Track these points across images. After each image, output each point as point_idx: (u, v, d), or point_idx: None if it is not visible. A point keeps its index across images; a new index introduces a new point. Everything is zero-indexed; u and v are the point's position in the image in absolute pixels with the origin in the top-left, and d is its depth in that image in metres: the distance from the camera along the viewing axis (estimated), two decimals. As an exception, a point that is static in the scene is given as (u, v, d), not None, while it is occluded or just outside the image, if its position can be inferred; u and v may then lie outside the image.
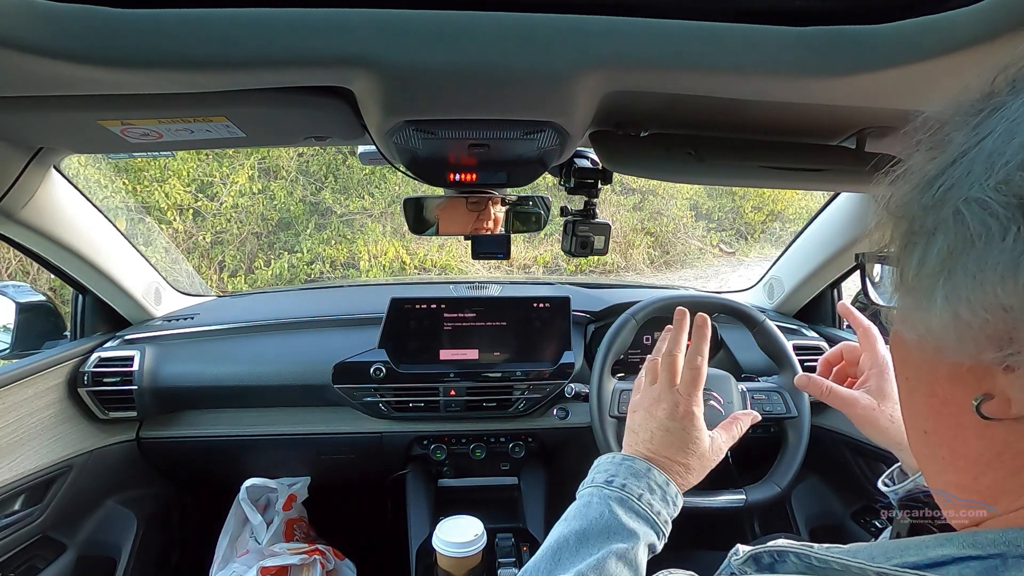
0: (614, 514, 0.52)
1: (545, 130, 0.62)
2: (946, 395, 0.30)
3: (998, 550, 0.25)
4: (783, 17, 0.46)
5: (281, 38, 0.43)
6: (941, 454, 0.32)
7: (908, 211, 0.30)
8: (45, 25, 0.40)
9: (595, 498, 0.55)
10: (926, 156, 0.30)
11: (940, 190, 0.27)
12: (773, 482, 0.99)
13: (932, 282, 0.27)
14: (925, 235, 0.28)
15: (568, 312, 1.23)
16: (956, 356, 0.28)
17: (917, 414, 0.34)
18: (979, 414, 0.27)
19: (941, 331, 0.27)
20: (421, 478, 1.29)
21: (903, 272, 0.30)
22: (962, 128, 0.28)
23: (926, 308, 0.28)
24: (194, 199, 4.55)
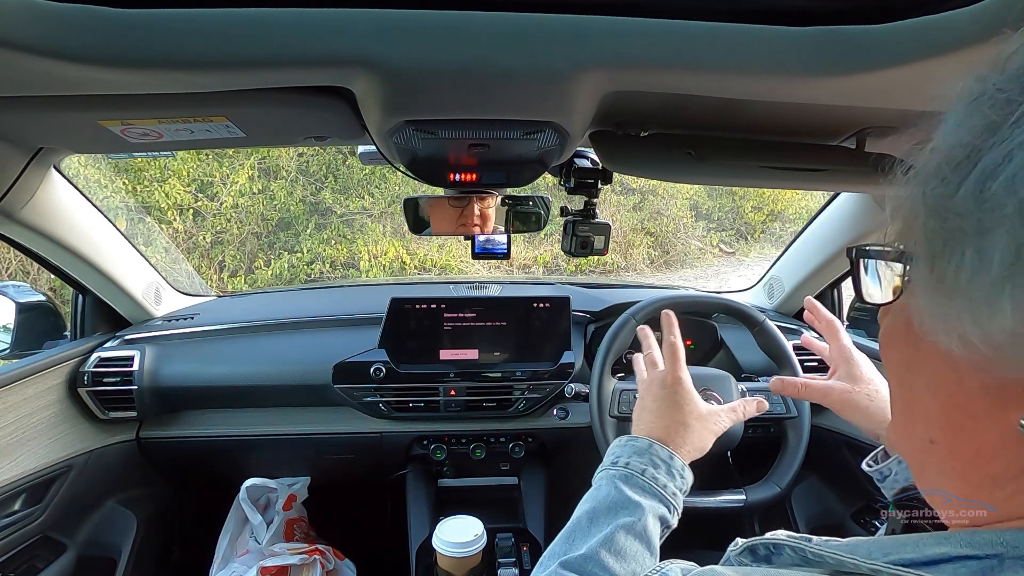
0: (620, 490, 0.54)
1: (545, 130, 0.62)
2: (976, 408, 0.28)
3: (995, 551, 0.25)
4: (783, 17, 0.46)
5: (281, 38, 0.43)
6: (952, 465, 0.30)
7: (946, 204, 0.26)
8: (45, 25, 0.40)
9: (603, 480, 0.57)
10: (957, 137, 0.26)
11: (994, 182, 0.24)
12: (773, 482, 0.99)
13: (995, 288, 0.23)
14: (976, 233, 0.24)
15: (568, 312, 1.23)
16: (1012, 371, 0.24)
17: (924, 422, 0.31)
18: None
19: (1004, 343, 0.24)
20: (421, 478, 1.29)
21: (941, 273, 0.26)
22: (1006, 105, 0.25)
23: (985, 316, 0.24)
24: (194, 199, 4.55)
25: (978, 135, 0.25)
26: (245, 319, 1.30)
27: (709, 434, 0.65)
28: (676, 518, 0.56)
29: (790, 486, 0.99)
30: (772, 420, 1.03)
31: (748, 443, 1.02)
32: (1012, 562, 0.25)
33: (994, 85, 0.25)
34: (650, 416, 0.64)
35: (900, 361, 0.33)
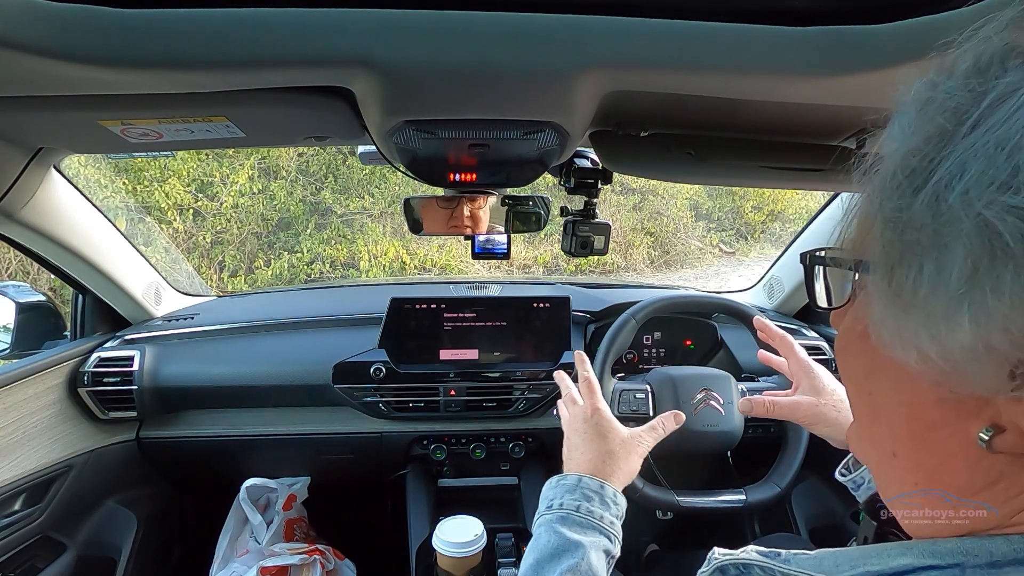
0: (559, 533, 0.54)
1: (545, 130, 0.62)
2: (934, 420, 0.27)
3: (956, 560, 0.25)
4: (783, 17, 0.46)
5: (281, 38, 0.43)
6: (914, 479, 0.30)
7: (903, 216, 0.25)
8: (45, 25, 0.40)
9: (542, 527, 0.57)
10: (909, 144, 0.26)
11: (950, 193, 0.23)
12: (773, 482, 0.99)
13: (953, 303, 0.23)
14: (933, 246, 0.24)
15: (568, 312, 1.23)
16: (970, 386, 0.24)
17: (884, 434, 0.31)
18: (987, 448, 0.25)
19: (962, 359, 0.24)
20: (421, 478, 1.29)
21: (898, 286, 0.25)
22: (957, 113, 0.24)
23: (943, 332, 0.24)
24: (194, 199, 4.55)
25: (931, 142, 0.25)
26: (245, 319, 1.30)
27: (636, 456, 0.65)
28: (618, 547, 0.56)
29: (790, 486, 0.99)
30: (772, 420, 1.03)
31: (748, 443, 1.02)
32: (973, 570, 0.24)
33: (944, 91, 0.25)
34: (577, 452, 0.65)
35: (859, 369, 0.32)
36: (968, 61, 0.25)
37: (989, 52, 0.25)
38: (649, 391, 1.02)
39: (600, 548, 0.54)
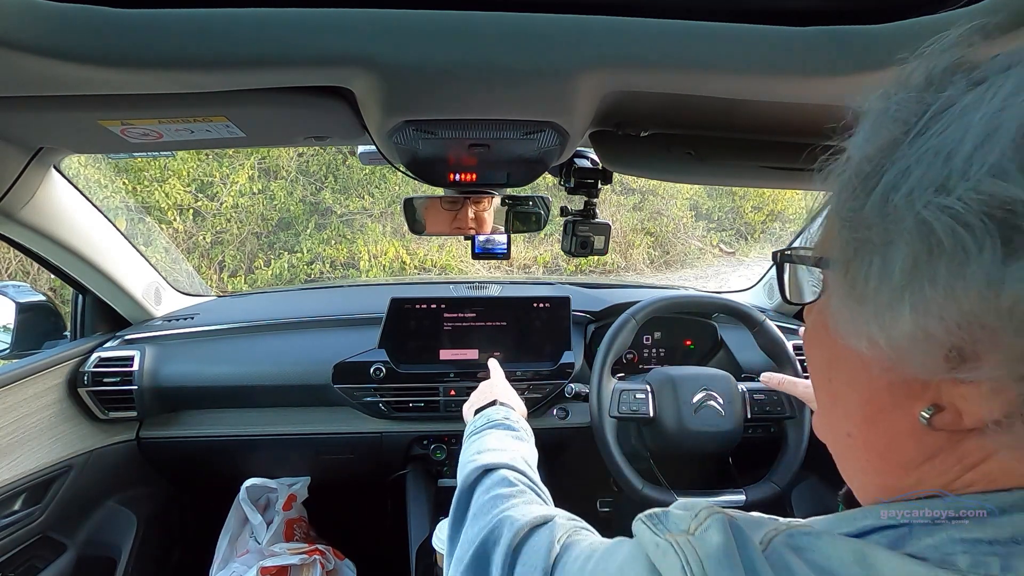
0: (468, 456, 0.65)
1: (545, 130, 0.62)
2: (884, 403, 0.30)
3: (905, 520, 0.29)
4: (783, 17, 0.46)
5: (281, 38, 0.43)
6: (865, 457, 0.33)
7: (857, 217, 0.28)
8: (45, 25, 0.40)
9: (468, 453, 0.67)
10: (864, 151, 0.29)
11: (895, 194, 0.26)
12: (773, 482, 0.99)
13: (896, 295, 0.26)
14: (882, 243, 0.26)
15: (568, 312, 1.23)
16: (913, 370, 0.27)
17: (841, 417, 0.34)
18: (928, 425, 0.28)
19: (905, 345, 0.26)
20: (421, 478, 1.29)
21: (853, 280, 0.28)
22: (905, 123, 0.27)
23: (888, 321, 0.26)
24: (194, 199, 4.55)
25: (882, 150, 0.27)
26: (245, 319, 1.30)
27: (499, 381, 0.86)
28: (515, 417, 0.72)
29: (790, 486, 0.99)
30: (772, 420, 1.03)
31: (748, 443, 1.02)
32: (918, 528, 0.28)
33: (895, 103, 0.28)
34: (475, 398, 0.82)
35: (821, 359, 0.35)
36: (920, 75, 0.28)
37: (940, 66, 0.28)
38: (649, 391, 1.02)
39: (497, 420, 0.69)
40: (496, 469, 0.57)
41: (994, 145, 0.23)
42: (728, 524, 0.31)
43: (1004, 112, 0.23)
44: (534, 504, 0.52)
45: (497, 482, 0.55)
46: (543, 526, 0.45)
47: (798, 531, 0.30)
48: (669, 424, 0.99)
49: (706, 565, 0.29)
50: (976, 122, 0.24)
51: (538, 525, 0.46)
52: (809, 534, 0.30)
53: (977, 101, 0.25)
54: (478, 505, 0.53)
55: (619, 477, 0.98)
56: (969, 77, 0.26)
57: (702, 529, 0.31)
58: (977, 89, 0.25)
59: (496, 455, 0.60)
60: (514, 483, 0.55)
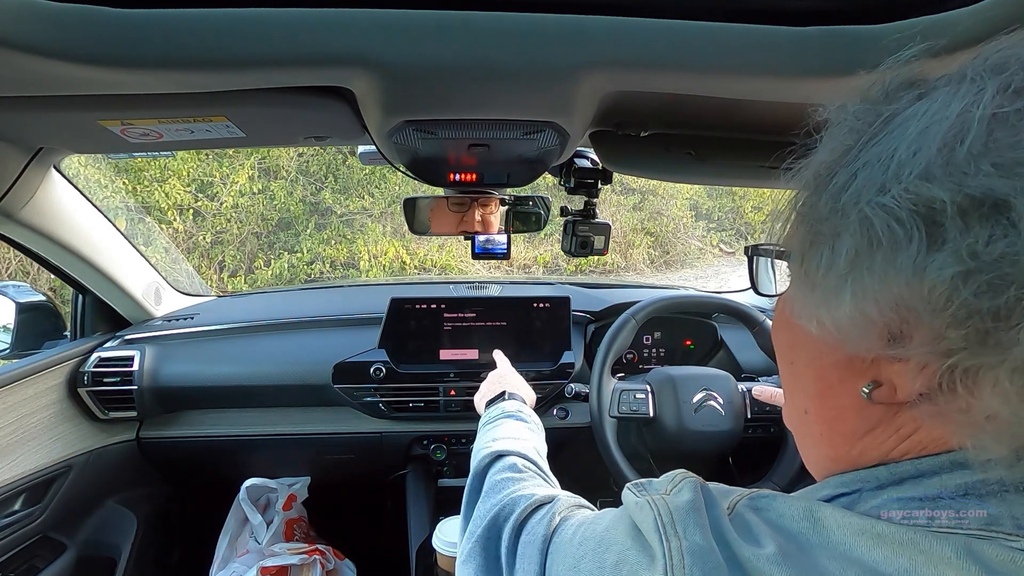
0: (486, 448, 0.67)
1: (545, 130, 0.62)
2: (833, 380, 0.34)
3: (856, 487, 0.33)
4: (783, 17, 0.46)
5: (281, 38, 0.43)
6: (818, 430, 0.37)
7: (812, 212, 0.31)
8: (45, 25, 0.40)
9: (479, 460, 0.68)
10: (822, 156, 0.32)
11: (844, 193, 0.29)
12: (773, 482, 0.99)
13: (840, 281, 0.29)
14: (831, 236, 0.30)
15: (568, 312, 1.23)
16: (854, 348, 0.30)
17: (800, 395, 0.38)
18: (868, 399, 0.31)
19: (847, 326, 0.30)
20: (421, 478, 1.29)
21: (807, 269, 0.31)
22: (858, 132, 0.30)
23: (833, 304, 0.30)
24: (194, 199, 4.54)
25: (836, 156, 0.31)
26: (245, 319, 1.30)
27: (507, 371, 0.92)
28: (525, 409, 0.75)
29: (790, 486, 0.99)
30: (772, 420, 1.03)
31: (748, 443, 1.02)
32: (867, 493, 0.32)
33: (853, 114, 0.31)
34: (486, 389, 0.85)
35: (785, 343, 0.39)
36: (878, 88, 0.31)
37: (895, 81, 0.31)
38: (649, 391, 1.02)
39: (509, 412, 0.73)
40: (507, 455, 0.62)
41: (924, 153, 0.26)
42: (699, 486, 0.36)
43: (931, 126, 0.27)
44: (542, 487, 0.56)
45: (508, 467, 0.60)
46: (547, 504, 0.51)
47: (759, 495, 0.35)
48: (669, 424, 0.99)
49: (675, 516, 0.33)
50: (911, 132, 0.27)
51: (543, 503, 0.51)
52: (767, 496, 0.34)
53: (914, 114, 0.28)
54: (490, 485, 0.58)
55: (619, 477, 0.98)
56: (919, 90, 0.29)
57: (676, 490, 0.36)
58: (917, 104, 0.29)
59: (508, 443, 0.64)
60: (523, 469, 0.60)
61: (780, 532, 0.31)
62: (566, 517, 0.47)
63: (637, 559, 0.34)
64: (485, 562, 0.51)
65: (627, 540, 0.36)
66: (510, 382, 0.85)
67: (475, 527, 0.54)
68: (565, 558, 0.41)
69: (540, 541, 0.45)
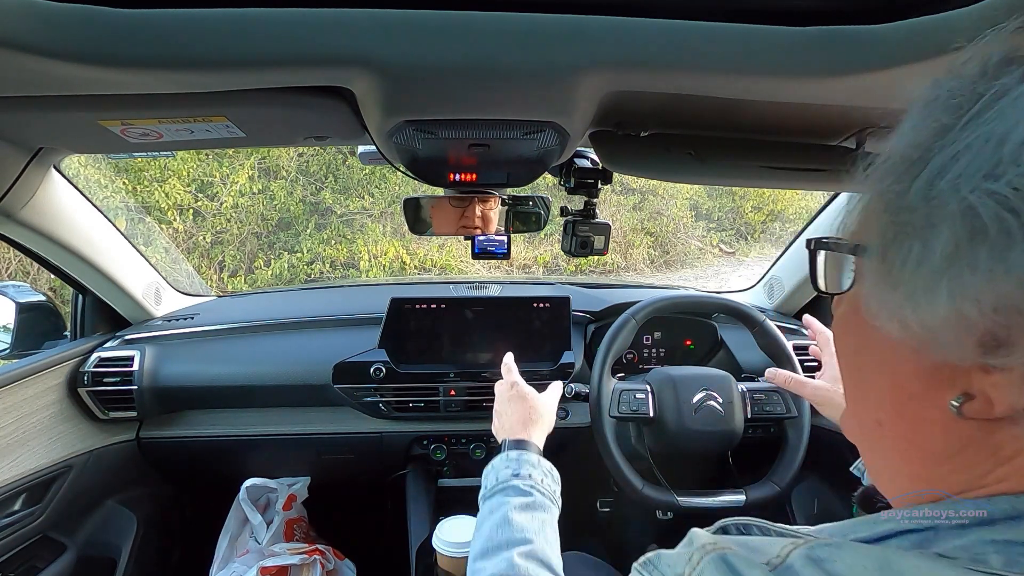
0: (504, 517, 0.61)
1: (545, 130, 0.62)
2: (914, 390, 0.30)
3: (931, 523, 0.28)
4: (783, 17, 0.46)
5: (281, 38, 0.43)
6: (894, 446, 0.33)
7: (898, 201, 0.28)
8: (45, 25, 0.40)
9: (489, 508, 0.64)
10: (910, 138, 0.29)
11: (941, 180, 0.26)
12: (773, 482, 0.99)
13: (933, 278, 0.26)
14: (923, 228, 0.26)
15: (568, 312, 1.23)
16: (944, 355, 0.27)
17: (871, 404, 0.34)
18: (958, 414, 0.27)
19: (939, 329, 0.26)
20: (421, 478, 1.29)
21: (890, 265, 0.28)
22: (957, 109, 0.27)
23: (923, 304, 0.26)
24: (194, 199, 4.54)
25: (931, 136, 0.27)
26: (245, 319, 1.30)
27: (551, 405, 0.83)
28: (548, 500, 0.65)
29: (790, 486, 0.99)
30: (772, 420, 1.03)
31: (748, 443, 1.02)
32: (945, 531, 0.27)
33: (948, 90, 0.28)
34: (505, 418, 0.79)
35: (851, 346, 0.35)
36: (974, 64, 0.28)
37: (996, 57, 0.28)
38: (649, 391, 1.02)
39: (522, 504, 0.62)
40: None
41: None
42: (723, 560, 0.29)
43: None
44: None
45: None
46: None
47: (817, 544, 0.29)
48: (669, 424, 0.99)
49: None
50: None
51: None
52: (830, 545, 0.29)
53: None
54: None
55: (619, 477, 0.98)
56: (1023, 69, 0.26)
57: (697, 573, 0.30)
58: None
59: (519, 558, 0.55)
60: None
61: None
62: None
63: None
64: None
65: None
66: (535, 415, 0.77)
67: None
68: None
69: None
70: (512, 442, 0.72)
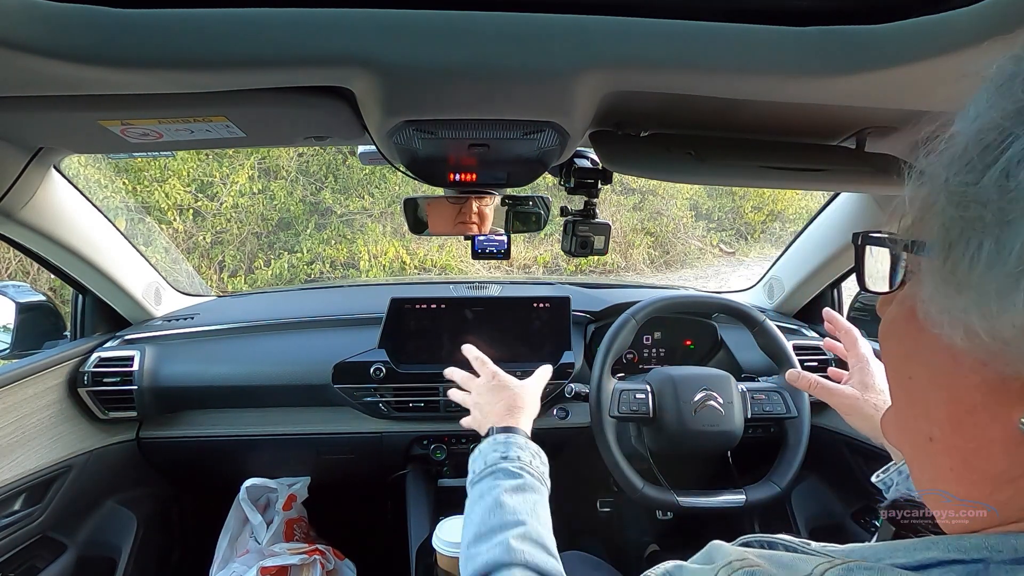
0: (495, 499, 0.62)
1: (545, 130, 0.62)
2: (975, 404, 0.27)
3: (981, 555, 0.25)
4: (783, 17, 0.46)
5: (281, 38, 0.43)
6: (950, 464, 0.29)
7: (967, 193, 0.25)
8: (45, 25, 0.40)
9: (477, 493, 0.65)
10: (984, 124, 0.25)
11: (1021, 170, 0.23)
12: (773, 482, 0.99)
13: (1008, 281, 0.23)
14: (996, 224, 0.23)
15: (568, 312, 1.23)
16: (1013, 366, 0.24)
17: (924, 418, 0.30)
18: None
19: (1011, 337, 0.23)
20: (421, 478, 1.29)
21: (954, 265, 0.25)
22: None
23: (994, 310, 0.23)
24: (194, 199, 4.55)
25: (1009, 117, 0.24)
26: (245, 319, 1.30)
27: (535, 390, 0.80)
28: (538, 480, 0.64)
29: (790, 486, 0.99)
30: (772, 420, 1.03)
31: (748, 443, 1.02)
32: (996, 567, 0.24)
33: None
34: (487, 409, 0.77)
35: (900, 353, 0.32)
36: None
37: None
38: (649, 391, 1.02)
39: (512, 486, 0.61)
40: (512, 567, 0.52)
41: None
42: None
43: None
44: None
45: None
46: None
47: (857, 566, 0.27)
48: (669, 424, 0.99)
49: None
50: None
51: None
52: (870, 570, 0.27)
53: None
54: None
55: (619, 477, 0.98)
56: None
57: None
58: None
59: (523, 548, 0.54)
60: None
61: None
62: None
63: None
64: None
65: None
66: (521, 401, 0.75)
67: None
68: None
69: None
70: (499, 428, 0.71)
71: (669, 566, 0.32)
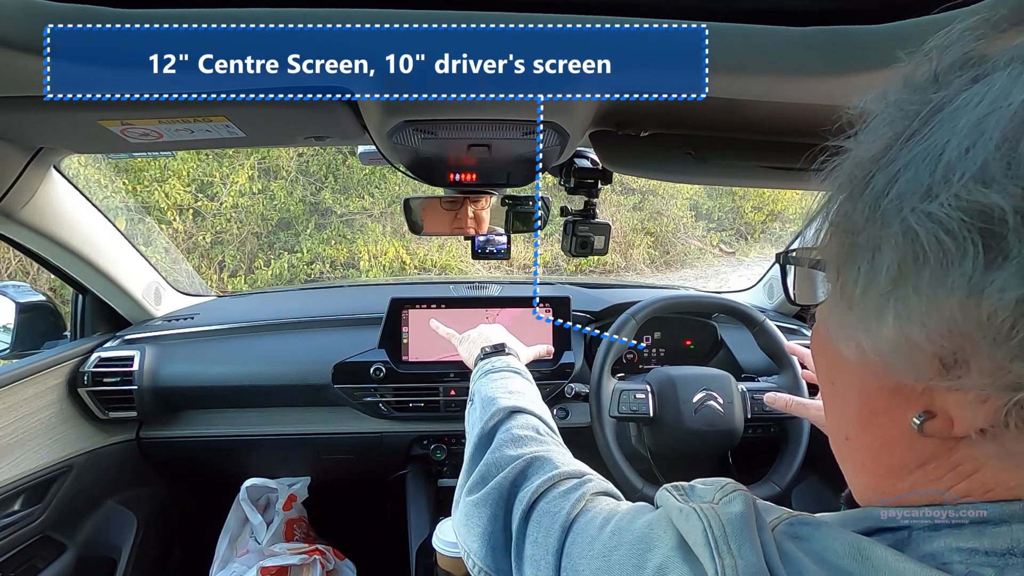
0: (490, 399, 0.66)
1: (545, 130, 0.62)
2: (878, 407, 0.30)
3: (905, 523, 0.29)
4: (783, 17, 0.46)
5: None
6: (862, 459, 0.33)
7: (848, 221, 0.27)
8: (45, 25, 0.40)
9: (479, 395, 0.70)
10: (859, 153, 0.28)
11: (884, 199, 0.25)
12: (773, 482, 0.99)
13: (881, 301, 0.25)
14: (870, 249, 0.26)
15: (568, 312, 1.23)
16: (900, 377, 0.27)
17: (841, 419, 0.34)
18: (919, 431, 0.27)
19: (890, 352, 0.26)
20: (421, 478, 1.29)
21: (843, 285, 0.28)
22: (900, 125, 0.26)
23: (874, 328, 0.26)
24: (194, 199, 4.55)
25: (873, 154, 0.27)
26: (245, 319, 1.30)
27: (531, 348, 0.87)
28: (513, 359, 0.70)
29: (790, 486, 0.99)
30: (772, 420, 1.03)
31: (748, 443, 1.02)
32: (918, 532, 0.28)
33: (893, 105, 0.27)
34: (481, 334, 0.83)
35: (824, 362, 0.35)
36: (925, 72, 0.27)
37: (947, 61, 0.27)
38: (649, 391, 1.01)
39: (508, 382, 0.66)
40: (527, 413, 0.57)
41: (979, 150, 0.22)
42: (750, 501, 0.32)
43: (990, 116, 0.23)
44: (568, 456, 0.51)
45: (530, 425, 0.55)
46: (576, 479, 0.45)
47: (798, 520, 0.31)
48: (669, 424, 0.99)
49: (729, 531, 0.30)
50: (963, 125, 0.23)
51: (572, 476, 0.46)
52: (809, 524, 0.31)
53: (966, 102, 0.24)
54: (507, 438, 0.53)
55: (619, 477, 0.98)
56: (975, 72, 0.25)
57: (726, 500, 0.32)
58: (971, 89, 0.24)
59: (525, 400, 0.59)
60: (544, 434, 0.54)
61: (824, 568, 0.28)
62: (594, 500, 0.43)
63: (683, 572, 0.30)
64: (499, 511, 0.46)
65: (672, 547, 0.32)
66: (499, 335, 0.80)
67: (492, 472, 0.50)
68: (592, 543, 0.37)
69: (564, 516, 0.41)
70: (491, 347, 0.75)
71: (683, 483, 0.36)
